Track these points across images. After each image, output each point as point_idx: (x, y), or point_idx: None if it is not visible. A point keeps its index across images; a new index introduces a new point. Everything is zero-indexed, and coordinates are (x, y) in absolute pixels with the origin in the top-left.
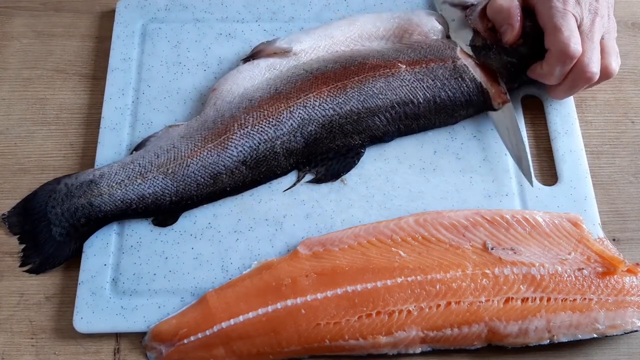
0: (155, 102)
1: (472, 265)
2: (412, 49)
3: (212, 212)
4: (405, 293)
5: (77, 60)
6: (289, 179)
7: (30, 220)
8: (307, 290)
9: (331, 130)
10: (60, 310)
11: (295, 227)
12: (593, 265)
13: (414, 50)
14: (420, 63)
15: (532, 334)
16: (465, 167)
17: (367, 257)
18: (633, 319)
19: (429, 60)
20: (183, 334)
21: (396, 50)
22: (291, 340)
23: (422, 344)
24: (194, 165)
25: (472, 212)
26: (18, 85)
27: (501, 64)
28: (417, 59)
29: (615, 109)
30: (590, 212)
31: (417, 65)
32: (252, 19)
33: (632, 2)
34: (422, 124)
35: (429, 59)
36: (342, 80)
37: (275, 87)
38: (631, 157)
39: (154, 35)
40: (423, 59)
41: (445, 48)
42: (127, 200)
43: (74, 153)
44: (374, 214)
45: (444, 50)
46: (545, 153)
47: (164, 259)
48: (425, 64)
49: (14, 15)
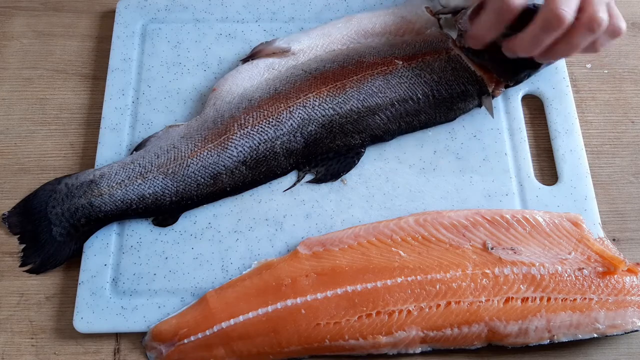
0: (155, 102)
1: (472, 265)
2: (406, 43)
3: (212, 212)
4: (405, 293)
5: (77, 60)
6: (289, 179)
7: (31, 220)
8: (307, 290)
9: (331, 130)
10: (60, 310)
11: (295, 227)
12: (593, 265)
13: (409, 45)
14: (416, 58)
15: (532, 334)
16: (465, 167)
17: (367, 257)
18: (633, 318)
19: (424, 54)
20: (183, 334)
21: (392, 45)
22: (291, 340)
23: (422, 344)
24: (194, 165)
25: (472, 212)
26: (18, 85)
27: (492, 65)
28: (413, 54)
29: (615, 109)
30: (591, 212)
31: (413, 61)
32: (252, 19)
33: (632, 2)
34: (422, 120)
35: (424, 53)
36: (341, 79)
37: (275, 87)
38: (631, 157)
39: (154, 36)
40: (418, 53)
41: (438, 40)
42: (127, 201)
43: (74, 153)
44: (374, 214)
45: (437, 43)
46: (545, 153)
47: (164, 259)
48: (420, 58)
49: (14, 15)
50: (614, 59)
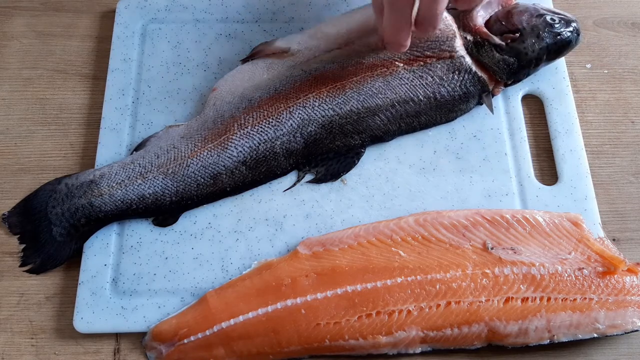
0: (155, 103)
1: (472, 265)
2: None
3: (212, 212)
4: (405, 293)
5: (77, 60)
6: (289, 179)
7: (31, 220)
8: (307, 290)
9: (331, 130)
10: (60, 310)
11: (295, 227)
12: (593, 264)
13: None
14: (418, 60)
15: (532, 334)
16: (465, 167)
17: (367, 257)
18: (633, 318)
19: (426, 56)
20: (183, 334)
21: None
22: (291, 340)
23: (422, 344)
24: (194, 165)
25: (472, 212)
26: (18, 85)
27: (493, 61)
28: (415, 56)
29: (615, 109)
30: (591, 212)
31: (414, 63)
32: (252, 19)
33: (632, 2)
34: (423, 122)
35: (426, 55)
36: (341, 80)
37: (275, 87)
38: (631, 157)
39: (154, 36)
40: (420, 55)
41: (441, 42)
42: (128, 201)
43: (74, 153)
44: (374, 214)
45: (440, 44)
46: (545, 153)
47: (164, 259)
48: (422, 60)
49: (14, 15)
50: (614, 59)
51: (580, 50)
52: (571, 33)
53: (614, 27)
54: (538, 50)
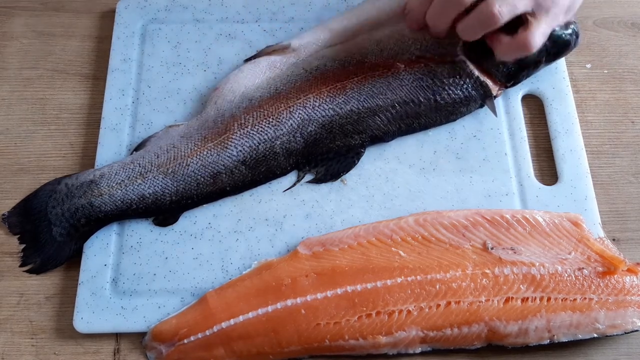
0: (155, 103)
1: (472, 265)
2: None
3: (212, 212)
4: (405, 293)
5: (77, 60)
6: (289, 179)
7: (31, 221)
8: (307, 290)
9: (331, 130)
10: (60, 310)
11: (295, 227)
12: (593, 264)
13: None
14: (420, 62)
15: (532, 334)
16: (465, 167)
17: (367, 257)
18: (633, 318)
19: (427, 58)
20: (183, 334)
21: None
22: (291, 340)
23: (422, 344)
24: (194, 165)
25: (472, 212)
26: (18, 85)
27: (493, 64)
28: (416, 58)
29: (615, 109)
30: (591, 212)
31: (416, 65)
32: (252, 19)
33: (632, 2)
34: (423, 123)
35: (428, 57)
36: (342, 80)
37: (275, 86)
38: (631, 157)
39: (154, 36)
40: (422, 58)
41: (442, 45)
42: (128, 201)
43: (74, 153)
44: (374, 214)
45: (441, 47)
46: (545, 153)
47: (164, 259)
48: (424, 63)
49: (14, 15)
50: (614, 59)
51: (580, 50)
52: (570, 35)
53: (614, 27)
54: (537, 53)
